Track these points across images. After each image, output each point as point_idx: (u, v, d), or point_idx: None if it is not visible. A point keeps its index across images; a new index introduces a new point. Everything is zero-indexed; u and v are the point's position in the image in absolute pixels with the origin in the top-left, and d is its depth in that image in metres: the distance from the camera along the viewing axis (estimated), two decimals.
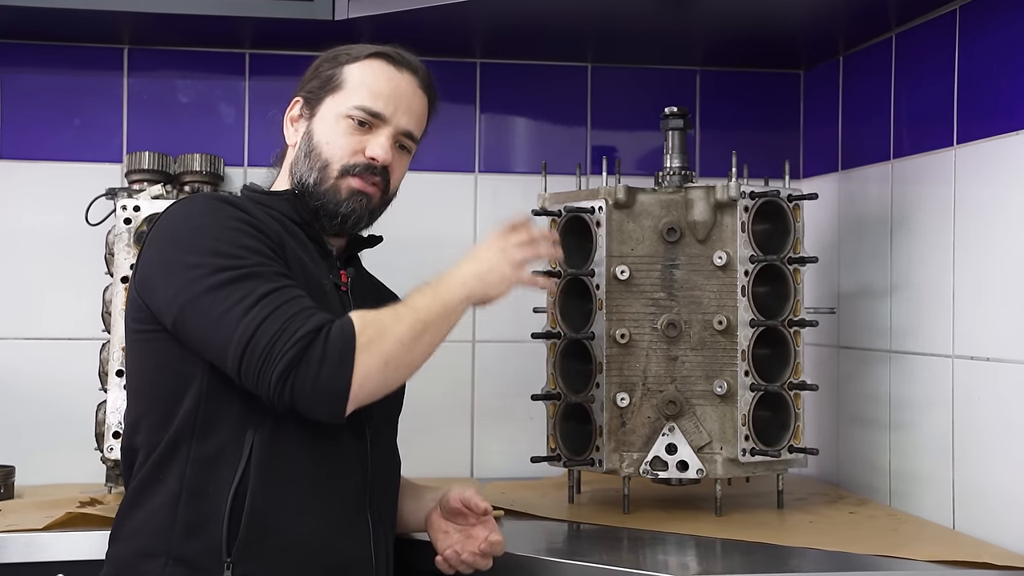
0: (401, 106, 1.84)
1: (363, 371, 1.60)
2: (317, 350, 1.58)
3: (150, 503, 1.68)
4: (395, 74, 1.85)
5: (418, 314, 1.67)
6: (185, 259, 1.65)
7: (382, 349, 1.62)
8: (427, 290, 1.72)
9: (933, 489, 2.17)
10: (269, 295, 1.60)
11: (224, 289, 1.60)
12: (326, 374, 1.58)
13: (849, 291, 2.53)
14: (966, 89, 2.11)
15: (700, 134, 2.79)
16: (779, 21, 2.44)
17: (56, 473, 2.48)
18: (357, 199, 1.82)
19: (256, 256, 1.65)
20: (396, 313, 1.67)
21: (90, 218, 2.46)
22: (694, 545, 1.99)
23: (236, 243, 1.65)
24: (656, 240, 2.18)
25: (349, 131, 1.81)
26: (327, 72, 1.85)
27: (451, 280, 1.74)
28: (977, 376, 2.05)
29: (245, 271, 1.62)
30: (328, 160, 1.81)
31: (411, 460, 1.99)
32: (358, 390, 1.60)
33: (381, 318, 1.65)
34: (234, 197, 1.79)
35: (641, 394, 2.17)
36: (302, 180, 1.82)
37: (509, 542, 1.93)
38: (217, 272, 1.62)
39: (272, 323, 1.58)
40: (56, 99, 2.60)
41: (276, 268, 1.66)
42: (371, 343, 1.61)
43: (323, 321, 1.60)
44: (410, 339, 1.65)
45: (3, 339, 2.56)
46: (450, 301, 1.71)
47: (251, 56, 2.66)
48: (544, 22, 2.47)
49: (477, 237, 2.72)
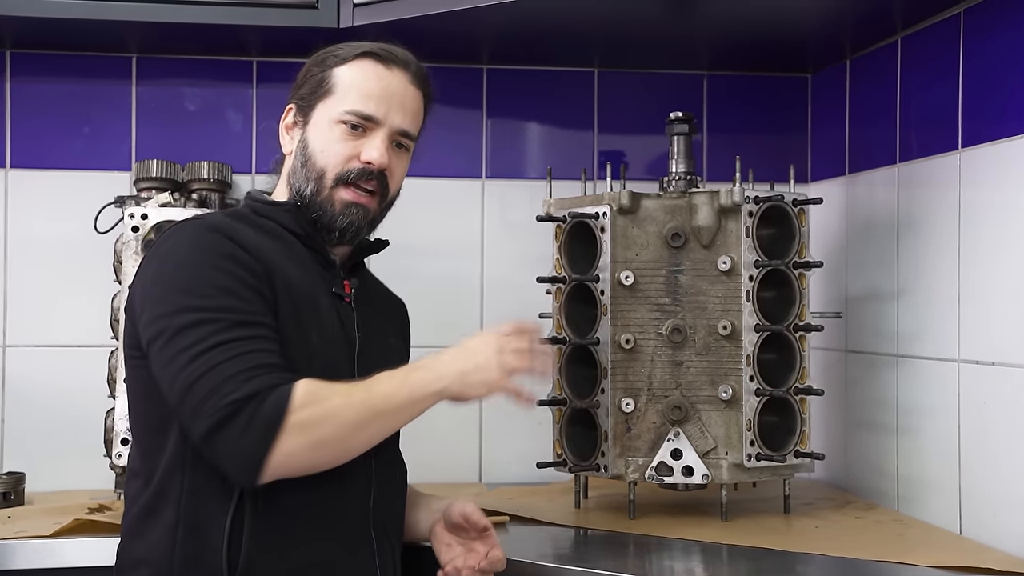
0: (394, 105, 1.80)
1: (286, 450, 1.55)
2: (243, 418, 1.54)
3: (150, 534, 1.67)
4: (385, 73, 1.80)
5: (373, 402, 1.61)
6: (160, 293, 1.64)
7: (315, 433, 1.57)
8: (398, 376, 1.65)
9: (940, 494, 2.17)
10: (219, 346, 1.57)
11: (181, 333, 1.59)
12: (245, 444, 1.54)
13: (856, 295, 2.52)
14: (971, 92, 2.11)
15: (708, 138, 2.79)
16: (786, 25, 2.44)
17: (67, 480, 2.49)
18: (353, 211, 1.79)
19: (226, 298, 1.61)
20: (349, 396, 1.60)
21: (99, 226, 2.48)
22: (700, 551, 1.99)
23: (210, 283, 1.62)
24: (660, 245, 2.18)
25: (343, 137, 1.78)
26: (317, 76, 1.82)
27: (427, 371, 1.66)
28: (983, 381, 2.04)
29: (206, 315, 1.59)
30: (323, 169, 1.78)
31: (420, 466, 1.99)
32: (277, 466, 1.56)
33: (329, 399, 1.59)
34: (228, 222, 1.75)
35: (646, 399, 2.17)
36: (300, 191, 1.80)
37: (514, 547, 1.94)
38: (181, 313, 1.60)
39: (209, 379, 1.55)
40: (65, 108, 2.62)
41: (245, 311, 1.62)
42: (303, 425, 1.55)
43: (260, 387, 1.55)
44: (353, 427, 1.61)
45: (14, 346, 2.58)
46: (418, 395, 1.65)
47: (258, 64, 2.68)
48: (550, 27, 2.47)
49: (484, 243, 2.73)
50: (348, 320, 1.79)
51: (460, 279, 2.73)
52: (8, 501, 2.30)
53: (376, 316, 1.89)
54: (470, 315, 2.73)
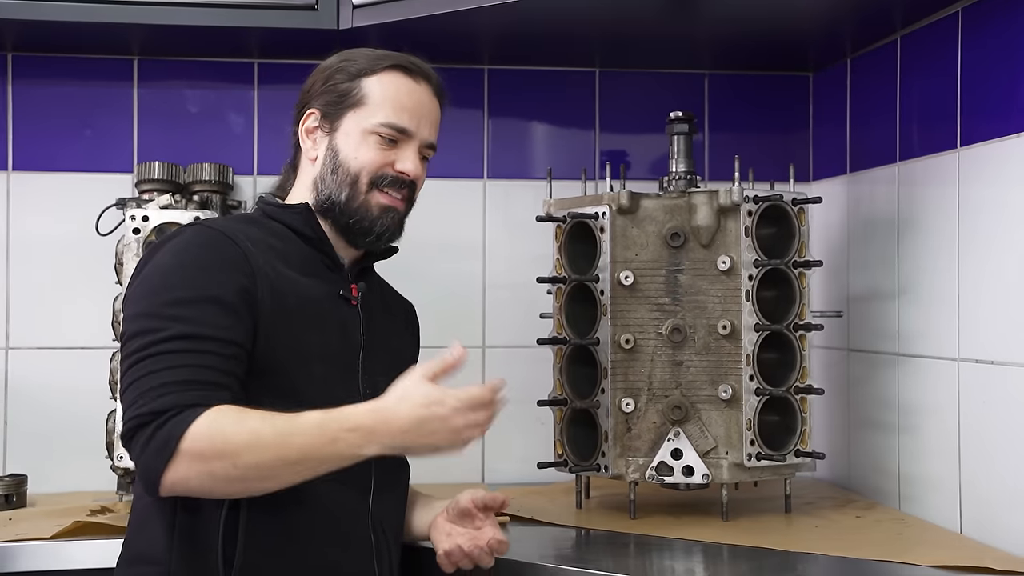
0: (424, 119, 1.86)
1: (180, 474, 1.54)
2: (145, 433, 1.55)
3: (150, 531, 1.70)
4: (415, 87, 1.86)
5: (287, 451, 1.56)
6: (135, 294, 1.68)
7: (208, 466, 1.54)
8: (330, 426, 1.57)
9: (940, 493, 2.17)
10: (152, 357, 1.58)
11: (133, 337, 1.62)
12: (145, 459, 1.55)
13: (858, 294, 2.52)
14: (969, 91, 2.11)
15: (709, 138, 2.79)
16: (787, 23, 2.43)
17: (70, 481, 2.50)
18: (389, 215, 1.84)
19: (181, 308, 1.62)
20: (257, 437, 1.55)
21: (100, 228, 2.49)
22: (700, 551, 1.99)
23: (173, 293, 1.63)
24: (660, 245, 2.18)
25: (377, 146, 1.83)
26: (343, 85, 1.84)
27: (364, 427, 1.59)
28: (982, 379, 2.04)
29: (155, 323, 1.61)
30: (357, 173, 1.82)
31: (424, 466, 2.00)
32: (172, 486, 1.56)
33: (231, 435, 1.55)
34: (232, 225, 1.77)
35: (646, 399, 2.17)
36: (331, 197, 1.83)
37: (515, 548, 1.94)
38: (138, 318, 1.63)
39: (136, 387, 1.57)
40: (67, 110, 2.63)
41: (198, 322, 1.61)
42: (194, 455, 1.53)
43: (168, 406, 1.55)
44: (256, 469, 1.56)
45: (17, 348, 2.59)
46: (348, 452, 1.59)
47: (260, 65, 2.68)
48: (551, 28, 2.47)
49: (486, 243, 2.73)
50: (353, 323, 1.81)
51: (462, 279, 2.73)
52: (10, 503, 2.30)
53: (383, 319, 1.91)
54: (472, 315, 2.73)
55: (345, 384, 1.77)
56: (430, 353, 2.15)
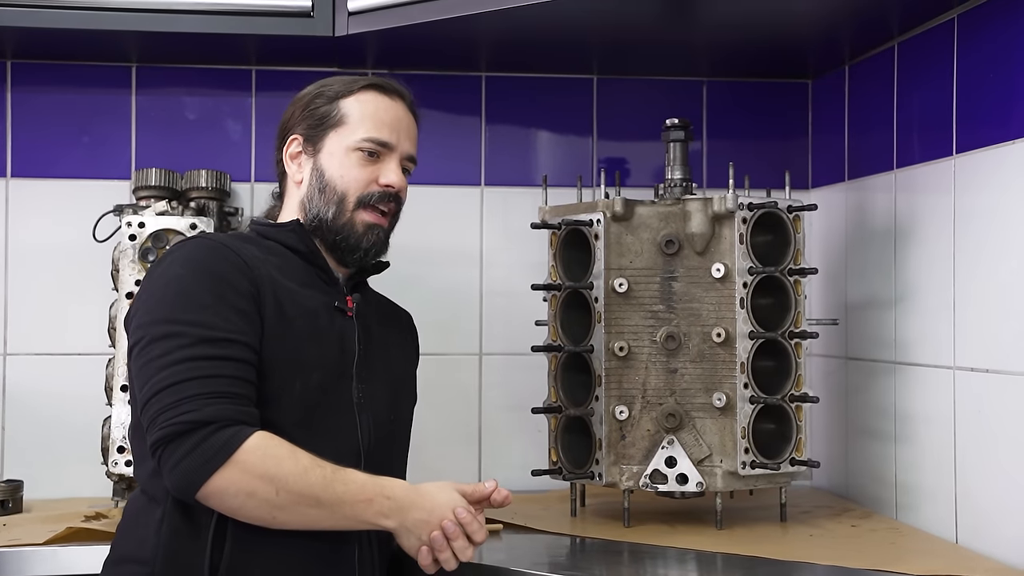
0: (402, 132, 1.92)
1: (223, 485, 1.60)
2: (192, 439, 1.60)
3: (137, 533, 1.73)
4: (391, 104, 1.92)
5: (326, 495, 1.64)
6: (147, 304, 1.71)
7: (253, 485, 1.61)
8: (371, 487, 1.68)
9: (936, 502, 2.15)
10: (185, 363, 1.63)
11: (154, 343, 1.65)
12: (188, 463, 1.60)
13: (856, 302, 2.51)
14: (964, 98, 2.10)
15: (708, 145, 2.78)
16: (786, 28, 2.43)
17: (66, 487, 2.50)
18: (374, 232, 1.89)
19: (204, 314, 1.67)
20: (307, 472, 1.64)
21: (97, 234, 2.49)
22: (693, 559, 1.98)
23: (192, 298, 1.68)
24: (655, 252, 2.17)
25: (360, 163, 1.88)
26: (323, 108, 1.91)
27: (399, 500, 1.69)
28: (978, 388, 2.03)
29: (179, 328, 1.65)
30: (344, 192, 1.87)
31: (420, 472, 1.99)
32: (208, 496, 1.61)
33: (287, 465, 1.63)
34: (231, 240, 1.82)
35: (640, 407, 2.16)
36: (319, 215, 1.88)
37: (507, 555, 1.96)
38: (158, 324, 1.67)
39: (171, 393, 1.61)
40: (66, 117, 2.63)
41: (221, 327, 1.66)
42: (249, 471, 1.61)
43: (218, 416, 1.61)
44: (291, 502, 1.63)
45: (14, 355, 2.59)
46: (373, 518, 1.68)
47: (257, 72, 2.69)
48: (548, 34, 2.47)
49: (483, 250, 2.73)
50: (349, 333, 1.85)
51: (459, 286, 2.72)
52: (6, 509, 2.31)
53: (379, 329, 1.94)
54: (470, 322, 2.73)
55: (338, 391, 1.80)
56: (429, 360, 2.16)
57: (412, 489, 1.71)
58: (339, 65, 2.61)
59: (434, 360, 2.01)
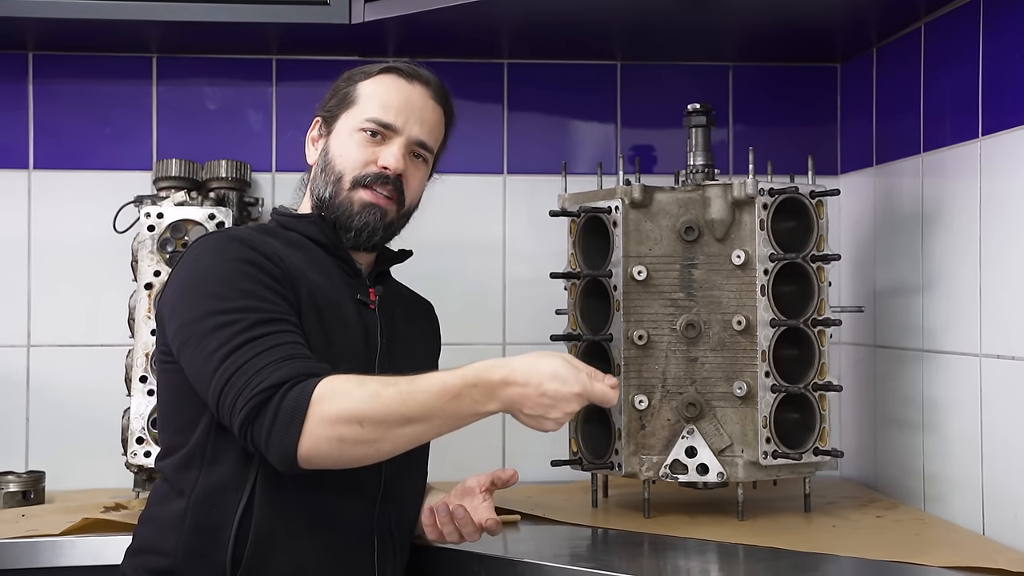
0: (412, 116, 1.87)
1: (312, 443, 1.57)
2: (271, 408, 1.57)
3: (159, 524, 1.73)
4: (406, 86, 1.89)
5: (409, 409, 1.59)
6: (186, 301, 1.69)
7: (338, 431, 1.57)
8: (454, 383, 1.60)
9: (963, 492, 2.11)
10: (247, 344, 1.61)
11: (209, 336, 1.63)
12: (276, 433, 1.57)
13: (884, 288, 2.46)
14: (990, 79, 2.05)
15: (734, 130, 2.74)
16: (814, 11, 2.38)
17: (88, 478, 2.51)
18: (370, 212, 1.84)
19: (249, 299, 1.66)
20: (379, 396, 1.58)
21: (117, 225, 2.49)
22: (714, 551, 1.94)
23: (233, 287, 1.67)
24: (674, 239, 2.14)
25: (362, 143, 1.85)
26: (343, 91, 1.90)
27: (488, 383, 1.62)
28: (1004, 376, 1.98)
29: (231, 316, 1.64)
30: (341, 172, 1.85)
31: (444, 464, 1.99)
32: (308, 455, 1.58)
33: (357, 397, 1.58)
34: (253, 233, 1.81)
35: (660, 396, 2.13)
36: (319, 195, 1.87)
37: (526, 547, 1.95)
38: (207, 317, 1.65)
39: (241, 375, 1.59)
40: (87, 109, 2.63)
41: (269, 310, 1.66)
42: (326, 420, 1.57)
43: (286, 376, 1.58)
44: (381, 430, 1.58)
45: (36, 346, 2.60)
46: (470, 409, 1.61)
47: (278, 61, 2.67)
48: (570, 18, 2.43)
49: (506, 238, 2.70)
50: (372, 326, 1.84)
51: (481, 275, 2.70)
52: (28, 500, 2.32)
53: (402, 321, 1.93)
54: (493, 311, 2.70)
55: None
56: (451, 350, 2.14)
57: (498, 366, 1.63)
58: (359, 53, 2.59)
59: (457, 350, 1.98)
